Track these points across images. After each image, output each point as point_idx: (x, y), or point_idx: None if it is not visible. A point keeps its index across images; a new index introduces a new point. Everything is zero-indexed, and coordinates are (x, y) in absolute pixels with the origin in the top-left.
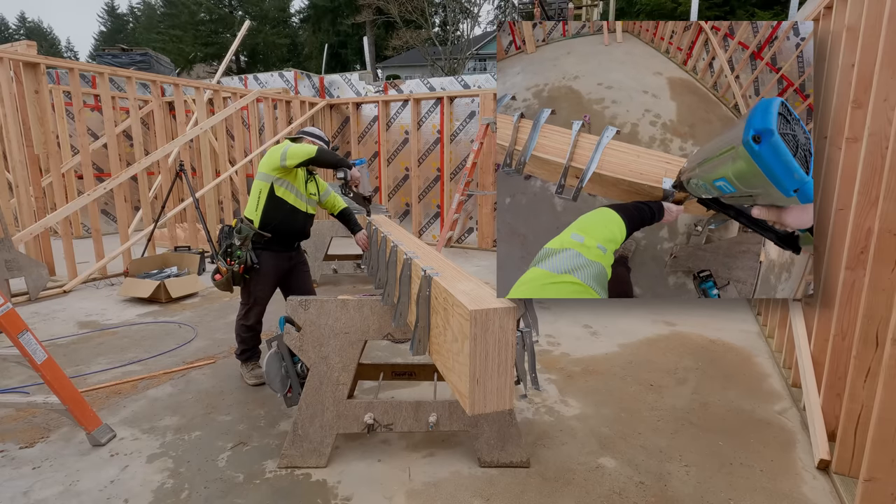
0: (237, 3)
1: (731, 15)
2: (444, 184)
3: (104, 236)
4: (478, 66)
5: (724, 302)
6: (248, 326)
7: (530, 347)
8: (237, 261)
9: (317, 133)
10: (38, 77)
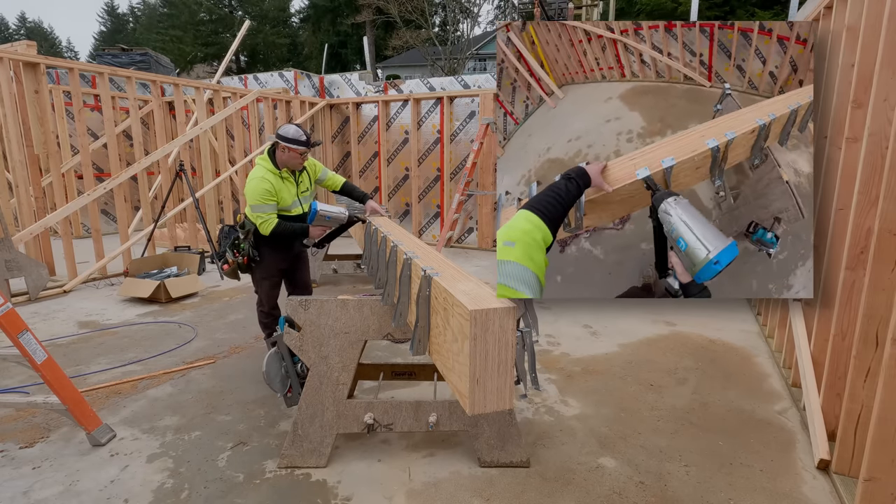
0: (237, 3)
1: (732, 15)
2: (444, 184)
3: (104, 236)
4: (478, 65)
5: (724, 302)
6: (265, 312)
7: (530, 347)
8: (241, 253)
9: (292, 136)
10: (38, 77)
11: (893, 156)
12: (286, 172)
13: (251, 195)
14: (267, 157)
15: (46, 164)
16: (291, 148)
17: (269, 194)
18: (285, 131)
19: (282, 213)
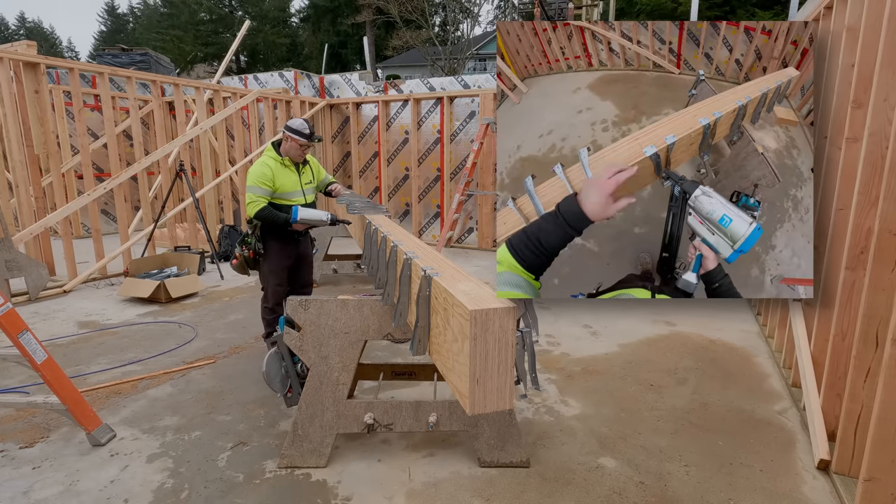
0: (237, 3)
1: (732, 15)
2: (444, 184)
3: (104, 236)
4: (478, 65)
5: (724, 302)
6: (269, 308)
7: (530, 347)
8: (248, 247)
9: (296, 127)
10: (38, 77)
11: (893, 156)
12: (288, 161)
13: (250, 176)
14: (272, 147)
15: (46, 164)
16: (293, 138)
17: (265, 178)
18: (292, 122)
19: (284, 199)
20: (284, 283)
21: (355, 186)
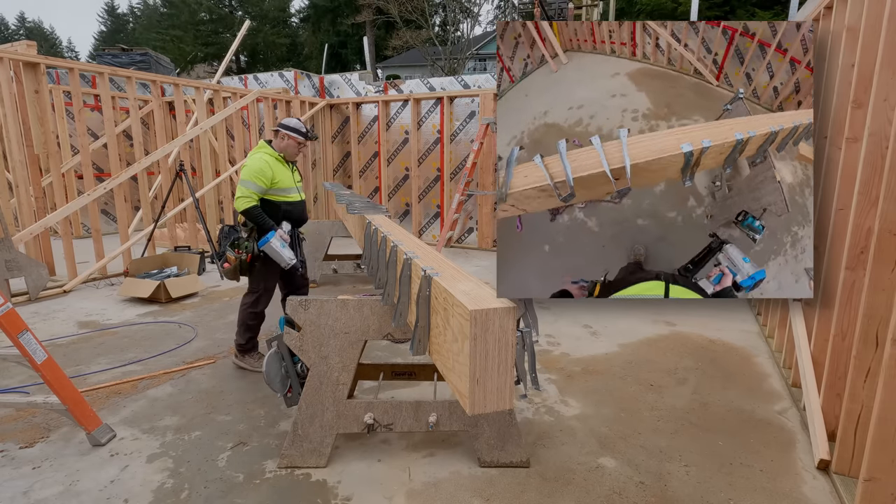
0: (237, 3)
1: (732, 15)
2: (444, 184)
3: (104, 236)
4: (478, 65)
5: (724, 302)
6: (256, 313)
7: (530, 347)
8: (244, 250)
9: (295, 126)
10: (38, 77)
11: (893, 156)
12: (282, 158)
13: (247, 170)
14: (266, 144)
15: (46, 164)
16: (292, 136)
17: (263, 174)
18: (289, 121)
19: (279, 195)
20: (275, 287)
21: (355, 186)
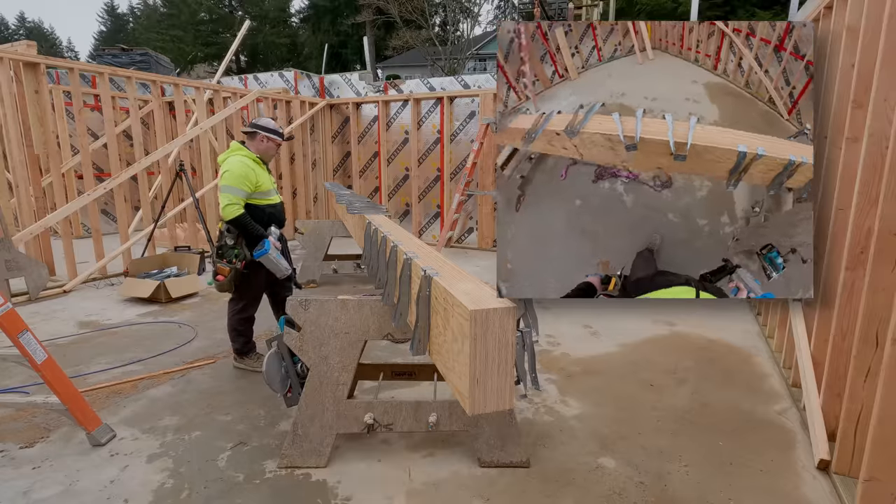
0: (237, 3)
1: (732, 15)
2: (444, 184)
3: (104, 236)
4: (478, 66)
5: (724, 302)
6: (246, 318)
7: (530, 347)
8: (237, 258)
9: (272, 127)
10: (38, 77)
11: (893, 156)
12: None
13: (230, 176)
14: (241, 146)
15: (46, 164)
16: (271, 138)
17: (247, 179)
18: (265, 122)
19: (261, 199)
20: (262, 292)
21: (355, 186)
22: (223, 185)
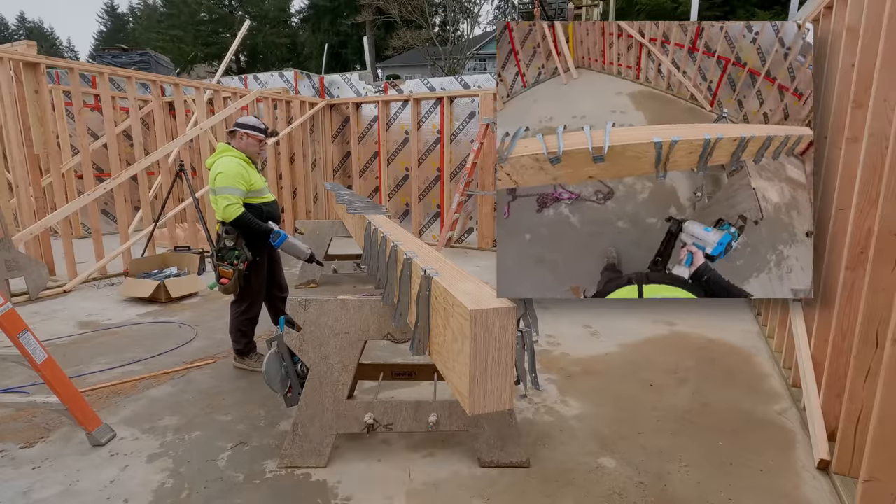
0: (237, 3)
1: (732, 15)
2: (444, 184)
3: (104, 236)
4: (478, 66)
5: (724, 302)
6: (250, 319)
7: (530, 347)
8: (238, 260)
9: (251, 123)
10: (38, 77)
11: (893, 156)
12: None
13: (224, 177)
14: (228, 146)
15: (46, 164)
16: (251, 134)
17: (241, 178)
18: (246, 120)
19: (256, 197)
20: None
21: (355, 186)
22: (219, 186)
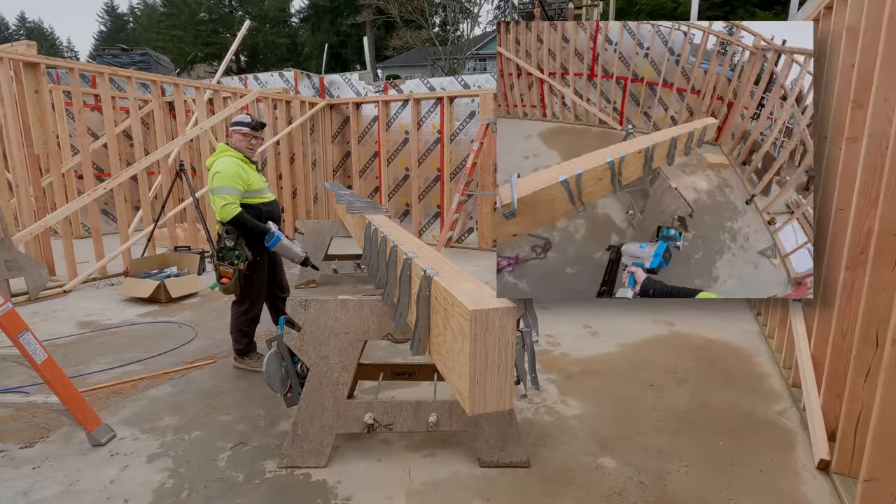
0: (237, 3)
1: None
2: (444, 184)
3: (104, 236)
4: (478, 66)
5: (724, 302)
6: (251, 319)
7: (530, 347)
8: (239, 260)
9: (237, 119)
10: (38, 77)
11: (893, 156)
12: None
13: (222, 177)
14: (226, 147)
15: (46, 164)
16: (237, 130)
17: (239, 178)
18: (236, 118)
19: (254, 197)
20: (264, 291)
21: (355, 186)
22: (216, 186)
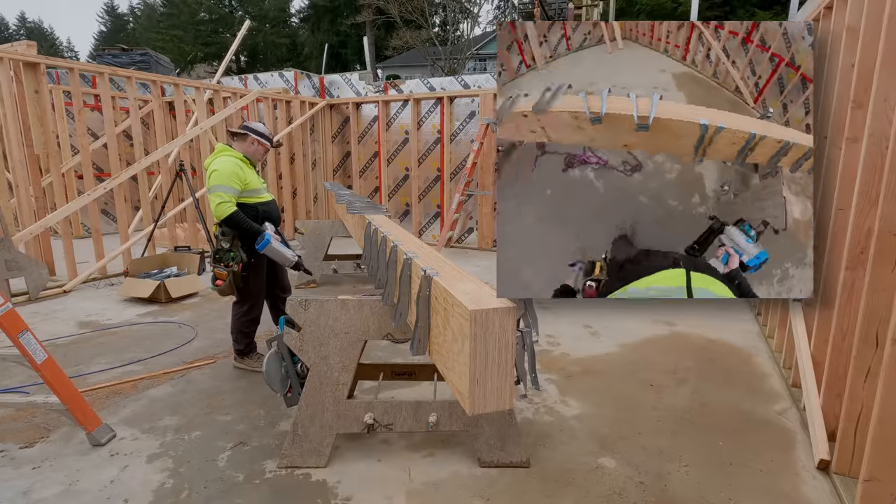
0: (237, 3)
1: (732, 14)
2: (444, 184)
3: (104, 236)
4: (478, 66)
5: (724, 302)
6: (251, 320)
7: (530, 347)
8: (233, 261)
9: (263, 131)
10: (38, 77)
11: (893, 156)
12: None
13: (219, 175)
14: (227, 147)
15: (46, 164)
16: (261, 142)
17: (236, 177)
18: (256, 126)
19: (252, 197)
20: (264, 291)
21: (355, 186)
22: (213, 185)
